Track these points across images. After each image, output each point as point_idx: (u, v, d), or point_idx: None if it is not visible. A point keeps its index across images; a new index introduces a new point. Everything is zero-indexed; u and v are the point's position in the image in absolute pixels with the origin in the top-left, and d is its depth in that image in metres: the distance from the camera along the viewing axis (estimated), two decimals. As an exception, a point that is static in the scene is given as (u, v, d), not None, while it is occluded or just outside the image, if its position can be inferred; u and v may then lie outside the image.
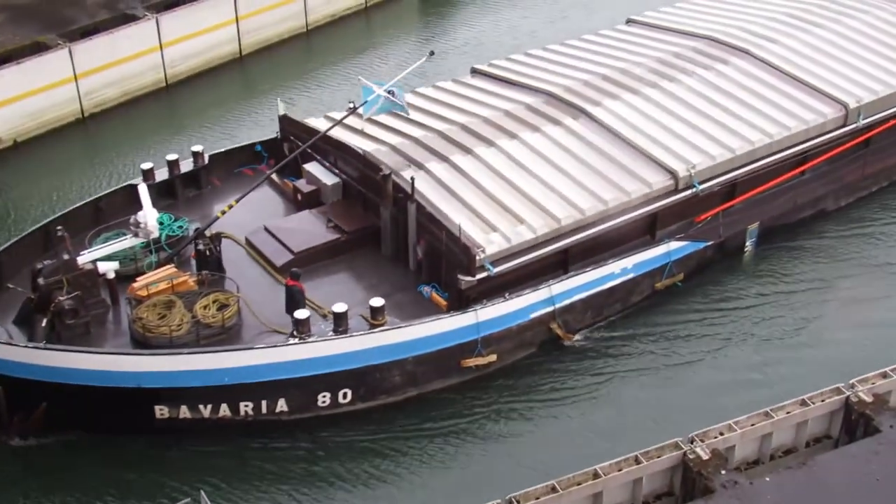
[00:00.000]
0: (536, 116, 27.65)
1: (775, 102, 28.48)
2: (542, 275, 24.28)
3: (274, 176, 27.47)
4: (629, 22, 33.81)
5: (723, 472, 18.29)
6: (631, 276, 25.21)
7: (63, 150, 33.84)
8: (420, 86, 31.15)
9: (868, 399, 19.68)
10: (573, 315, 24.63)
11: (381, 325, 22.26)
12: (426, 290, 23.96)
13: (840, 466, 18.43)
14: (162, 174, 27.03)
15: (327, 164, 27.02)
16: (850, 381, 20.11)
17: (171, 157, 27.17)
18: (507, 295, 23.31)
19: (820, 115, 28.21)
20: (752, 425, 19.30)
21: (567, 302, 24.27)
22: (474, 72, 30.95)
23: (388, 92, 25.10)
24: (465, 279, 22.98)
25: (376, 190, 24.98)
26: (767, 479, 18.40)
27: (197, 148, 27.58)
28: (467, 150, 26.02)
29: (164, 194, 26.95)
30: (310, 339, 21.63)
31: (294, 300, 22.65)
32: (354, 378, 22.26)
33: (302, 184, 26.98)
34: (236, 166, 28.36)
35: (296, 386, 21.88)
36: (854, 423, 19.65)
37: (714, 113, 27.90)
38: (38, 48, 34.19)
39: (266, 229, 25.41)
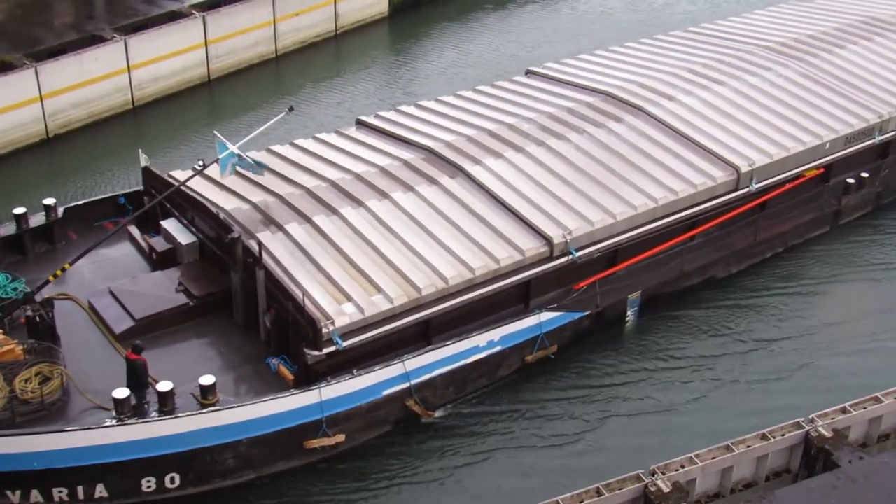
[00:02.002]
0: (412, 174, 26.22)
1: (664, 164, 27.19)
2: (401, 347, 22.75)
3: (136, 233, 26.00)
4: (528, 73, 32.58)
5: None
6: (498, 349, 23.69)
7: (26, 171, 32.86)
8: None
9: (827, 434, 19.93)
10: (433, 391, 23.07)
11: (212, 404, 20.58)
12: (274, 362, 22.33)
13: (799, 500, 18.52)
14: (9, 228, 25.37)
15: (185, 222, 25.41)
16: (810, 416, 20.24)
17: (19, 210, 25.49)
18: (354, 371, 21.75)
19: (710, 179, 26.93)
20: (713, 458, 19.42)
21: (425, 377, 22.72)
22: (359, 123, 29.53)
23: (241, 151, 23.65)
24: (312, 353, 21.41)
25: (229, 252, 23.40)
26: None
27: (49, 201, 25.94)
28: (333, 211, 24.51)
29: (12, 250, 25.30)
30: (129, 421, 19.91)
31: (136, 375, 20.92)
32: (182, 461, 20.54)
33: (158, 242, 25.35)
34: (97, 219, 26.68)
35: (115, 470, 20.11)
36: (813, 457, 19.95)
37: (598, 174, 26.56)
38: (3, 67, 33.51)
39: (111, 292, 23.72)
